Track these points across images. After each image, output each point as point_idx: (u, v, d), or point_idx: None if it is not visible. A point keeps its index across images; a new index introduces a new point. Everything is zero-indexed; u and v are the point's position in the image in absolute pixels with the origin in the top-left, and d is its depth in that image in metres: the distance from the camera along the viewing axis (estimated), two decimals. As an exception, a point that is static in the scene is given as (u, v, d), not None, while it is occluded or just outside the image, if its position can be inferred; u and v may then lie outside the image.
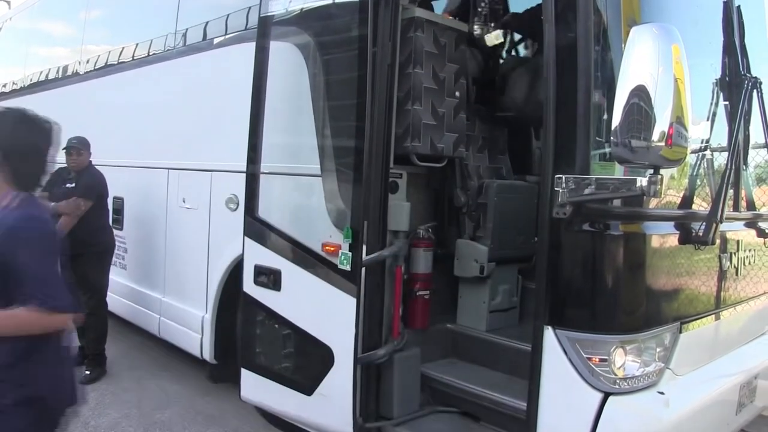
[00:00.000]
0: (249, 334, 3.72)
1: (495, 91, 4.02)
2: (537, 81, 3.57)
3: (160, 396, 4.50)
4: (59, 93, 7.05)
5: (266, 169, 3.61)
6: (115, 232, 5.57)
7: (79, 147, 4.87)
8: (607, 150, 2.43)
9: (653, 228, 2.67)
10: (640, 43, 2.20)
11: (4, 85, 8.91)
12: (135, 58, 5.60)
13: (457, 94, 3.59)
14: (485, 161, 3.95)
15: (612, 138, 2.25)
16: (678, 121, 2.19)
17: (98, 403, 4.32)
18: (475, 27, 3.74)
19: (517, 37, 4.72)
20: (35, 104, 7.25)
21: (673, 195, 2.80)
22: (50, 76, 7.40)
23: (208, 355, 4.36)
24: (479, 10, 3.72)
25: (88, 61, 6.46)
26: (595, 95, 2.49)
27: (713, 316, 3.12)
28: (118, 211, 5.56)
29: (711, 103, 2.99)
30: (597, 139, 2.51)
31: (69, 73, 6.90)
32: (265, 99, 3.59)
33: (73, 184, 4.81)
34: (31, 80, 7.96)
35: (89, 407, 4.24)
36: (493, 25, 3.80)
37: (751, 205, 3.39)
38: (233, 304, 4.07)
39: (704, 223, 2.67)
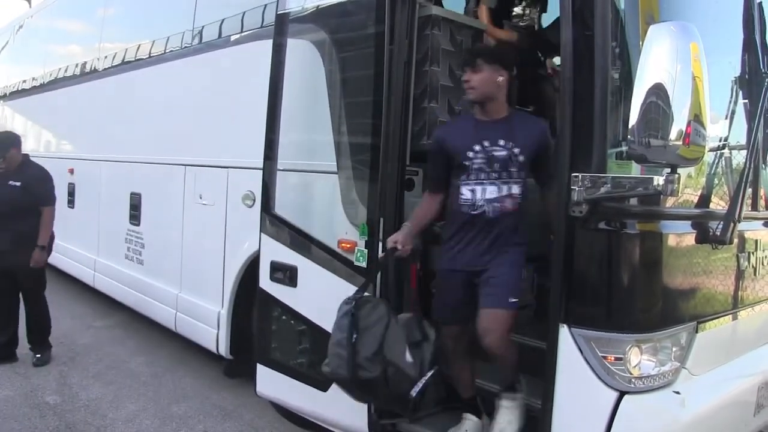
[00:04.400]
0: (265, 330, 3.75)
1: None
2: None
3: (177, 390, 4.55)
4: (78, 90, 7.14)
5: (282, 165, 3.63)
6: (133, 227, 5.64)
7: (2, 150, 4.79)
8: (624, 148, 2.42)
9: (670, 227, 2.65)
10: (658, 42, 2.19)
11: (24, 81, 9.03)
12: (152, 55, 5.65)
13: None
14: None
15: (629, 136, 2.24)
16: (696, 119, 2.18)
17: (116, 396, 4.38)
18: None
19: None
20: (55, 101, 7.39)
21: (690, 194, 2.78)
22: (69, 73, 7.48)
23: (224, 350, 4.39)
24: None
25: (106, 58, 6.53)
26: (611, 93, 2.49)
27: (730, 316, 3.09)
28: (136, 206, 5.62)
29: (730, 102, 2.97)
30: (614, 137, 2.50)
31: (87, 70, 6.97)
32: (282, 96, 3.61)
33: (18, 183, 4.77)
34: (50, 77, 8.05)
35: (107, 400, 4.31)
36: None
37: (770, 205, 3.36)
38: (249, 300, 4.10)
39: (722, 222, 2.65)
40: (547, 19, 4.55)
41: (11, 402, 4.20)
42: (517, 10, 4.36)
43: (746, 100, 3.03)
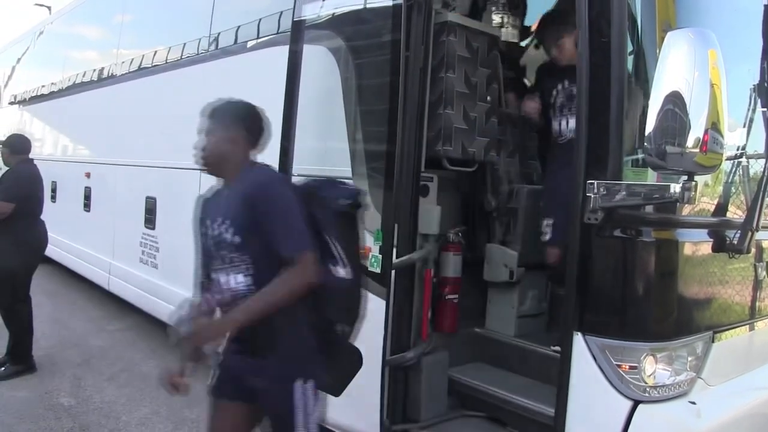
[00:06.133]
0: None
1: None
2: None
3: (190, 394, 4.55)
4: (96, 95, 7.22)
5: (298, 171, 3.64)
6: (148, 231, 5.68)
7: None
8: (640, 156, 2.41)
9: (686, 235, 2.64)
10: (675, 48, 2.18)
11: (44, 86, 9.15)
12: (168, 61, 5.70)
13: (489, 98, 3.60)
14: (516, 166, 3.92)
15: (645, 144, 2.22)
16: (713, 127, 2.16)
17: (129, 399, 4.41)
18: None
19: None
20: (73, 105, 7.45)
21: (707, 202, 2.76)
22: (87, 78, 7.57)
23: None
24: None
25: (123, 63, 6.60)
26: (628, 100, 2.48)
27: (748, 326, 3.06)
28: (151, 210, 5.66)
29: (748, 109, 2.94)
30: (630, 144, 2.49)
31: (105, 75, 7.05)
32: (297, 102, 3.63)
33: None
34: (69, 82, 8.16)
35: (121, 403, 4.33)
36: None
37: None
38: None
39: (739, 231, 2.62)
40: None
41: (27, 403, 4.24)
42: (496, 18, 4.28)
43: (765, 108, 3.00)
